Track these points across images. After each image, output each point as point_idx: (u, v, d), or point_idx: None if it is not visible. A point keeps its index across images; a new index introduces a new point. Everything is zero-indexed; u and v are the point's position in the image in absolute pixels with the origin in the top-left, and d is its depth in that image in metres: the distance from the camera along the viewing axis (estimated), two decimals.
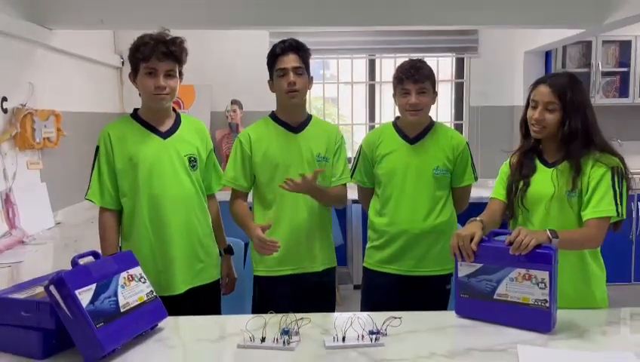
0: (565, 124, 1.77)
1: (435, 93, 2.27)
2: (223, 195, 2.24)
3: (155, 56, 1.93)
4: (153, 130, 2.04)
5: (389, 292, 2.31)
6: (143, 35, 1.98)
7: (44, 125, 3.18)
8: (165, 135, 2.05)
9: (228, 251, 2.27)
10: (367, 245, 2.42)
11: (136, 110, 2.09)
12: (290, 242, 2.15)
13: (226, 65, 4.80)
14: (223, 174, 2.24)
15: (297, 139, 2.20)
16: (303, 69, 2.15)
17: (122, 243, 2.06)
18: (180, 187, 2.03)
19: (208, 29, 4.49)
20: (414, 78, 2.18)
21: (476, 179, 2.38)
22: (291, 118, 2.22)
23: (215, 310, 2.14)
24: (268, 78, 2.22)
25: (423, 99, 2.21)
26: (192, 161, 2.07)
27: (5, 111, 2.90)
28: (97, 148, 2.04)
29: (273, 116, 2.25)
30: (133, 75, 2.00)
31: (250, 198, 2.29)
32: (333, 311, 2.27)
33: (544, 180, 1.83)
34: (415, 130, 2.30)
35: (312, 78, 2.23)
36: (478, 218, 1.78)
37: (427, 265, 2.29)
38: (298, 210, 2.17)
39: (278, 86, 2.15)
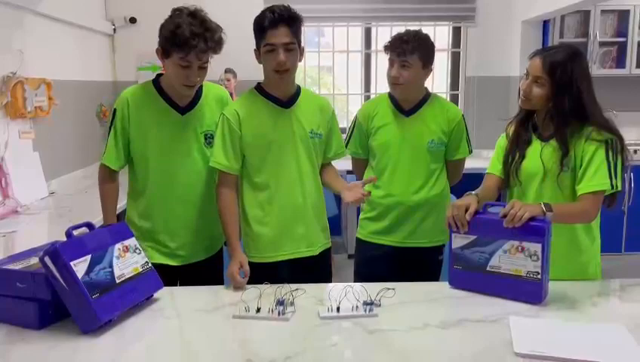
0: (552, 101, 1.76)
1: (428, 68, 2.23)
2: None
3: (195, 53, 1.84)
4: (172, 104, 2.00)
5: (381, 263, 2.33)
6: (180, 13, 1.86)
7: (35, 94, 3.13)
8: (183, 110, 2.01)
9: None
10: (361, 216, 2.42)
11: (159, 75, 2.04)
12: (284, 225, 2.02)
13: None
14: (212, 156, 1.98)
15: (289, 114, 2.00)
16: (295, 44, 1.90)
17: (132, 213, 2.09)
18: (192, 164, 2.01)
19: None
20: (397, 51, 2.17)
21: (471, 152, 2.38)
22: (280, 92, 2.01)
23: (218, 280, 2.12)
24: (254, 48, 1.98)
25: (404, 72, 2.18)
26: (209, 138, 2.03)
27: None
28: (114, 111, 2.00)
29: (260, 89, 2.02)
30: (163, 54, 1.90)
31: None
32: None
33: (538, 155, 1.83)
34: (410, 102, 2.29)
35: (303, 48, 1.98)
36: (473, 192, 1.78)
37: (420, 237, 2.31)
38: (293, 192, 2.01)
39: (266, 62, 1.93)
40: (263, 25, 1.89)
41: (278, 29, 1.87)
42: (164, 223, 2.03)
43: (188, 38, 1.81)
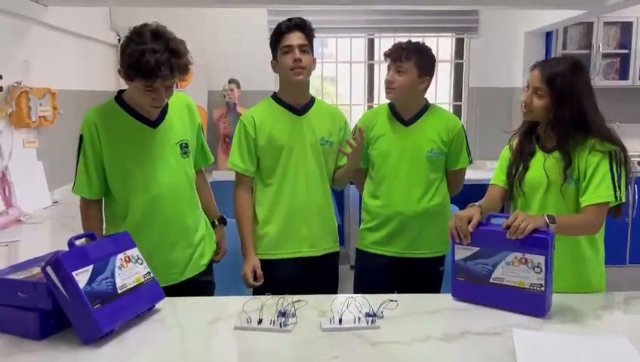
0: (553, 112, 1.76)
1: (424, 77, 2.24)
2: (220, 175, 2.23)
3: (161, 78, 1.73)
4: (141, 118, 1.90)
5: (382, 274, 2.32)
6: (141, 36, 1.71)
7: (39, 103, 3.15)
8: (154, 123, 1.91)
9: (221, 221, 2.22)
10: (361, 227, 2.42)
11: (120, 92, 1.93)
12: (288, 225, 2.15)
13: (223, 43, 4.75)
14: (229, 158, 2.17)
15: (301, 121, 2.16)
16: (309, 47, 2.10)
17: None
18: (172, 177, 1.94)
19: (206, 7, 4.43)
20: (393, 57, 2.22)
21: (471, 162, 2.39)
22: (295, 100, 2.17)
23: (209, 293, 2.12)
24: (269, 58, 2.15)
25: (398, 77, 2.21)
26: (184, 148, 1.97)
27: (0, 89, 2.87)
28: (81, 136, 1.88)
29: (275, 97, 2.20)
30: (126, 77, 1.78)
31: None
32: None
33: (541, 166, 1.83)
34: (410, 111, 2.30)
35: (315, 59, 2.17)
36: (477, 203, 1.78)
37: (420, 247, 2.30)
38: (298, 194, 2.14)
39: (283, 63, 2.09)
40: (280, 30, 2.09)
41: (293, 33, 2.08)
42: (150, 243, 1.88)
43: (153, 68, 1.69)
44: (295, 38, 2.07)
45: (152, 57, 1.69)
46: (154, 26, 1.77)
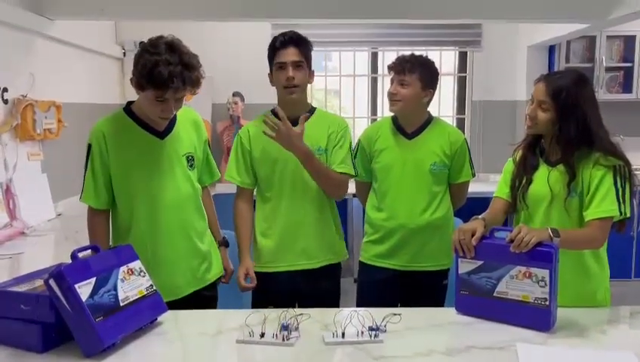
0: (557, 125, 1.76)
1: (427, 90, 2.25)
2: (223, 188, 2.23)
3: (172, 90, 1.75)
4: (149, 129, 1.92)
5: (384, 287, 2.32)
6: (157, 47, 1.76)
7: (44, 116, 3.16)
8: (162, 134, 1.93)
9: (223, 243, 2.21)
10: (364, 239, 2.42)
11: (129, 104, 1.96)
12: (285, 238, 2.13)
13: (227, 56, 4.78)
14: (226, 171, 2.19)
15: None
16: (303, 62, 2.09)
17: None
18: (178, 189, 1.94)
19: (208, 21, 4.46)
20: (397, 69, 2.24)
21: (474, 175, 2.38)
22: (291, 113, 2.09)
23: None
24: (268, 72, 2.16)
25: (401, 90, 2.23)
26: (190, 160, 1.98)
27: (6, 102, 2.89)
28: (89, 146, 1.91)
29: (273, 111, 2.16)
30: (138, 87, 1.80)
31: None
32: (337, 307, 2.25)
33: (545, 179, 1.82)
34: (413, 125, 2.30)
35: (313, 71, 2.16)
36: (480, 216, 1.77)
37: (423, 260, 2.29)
38: (295, 207, 2.12)
39: (277, 80, 2.10)
40: (275, 46, 2.10)
41: (287, 49, 2.07)
42: (153, 256, 1.88)
43: (165, 79, 1.72)
44: (289, 55, 2.06)
45: (165, 69, 1.72)
46: (169, 39, 1.81)
